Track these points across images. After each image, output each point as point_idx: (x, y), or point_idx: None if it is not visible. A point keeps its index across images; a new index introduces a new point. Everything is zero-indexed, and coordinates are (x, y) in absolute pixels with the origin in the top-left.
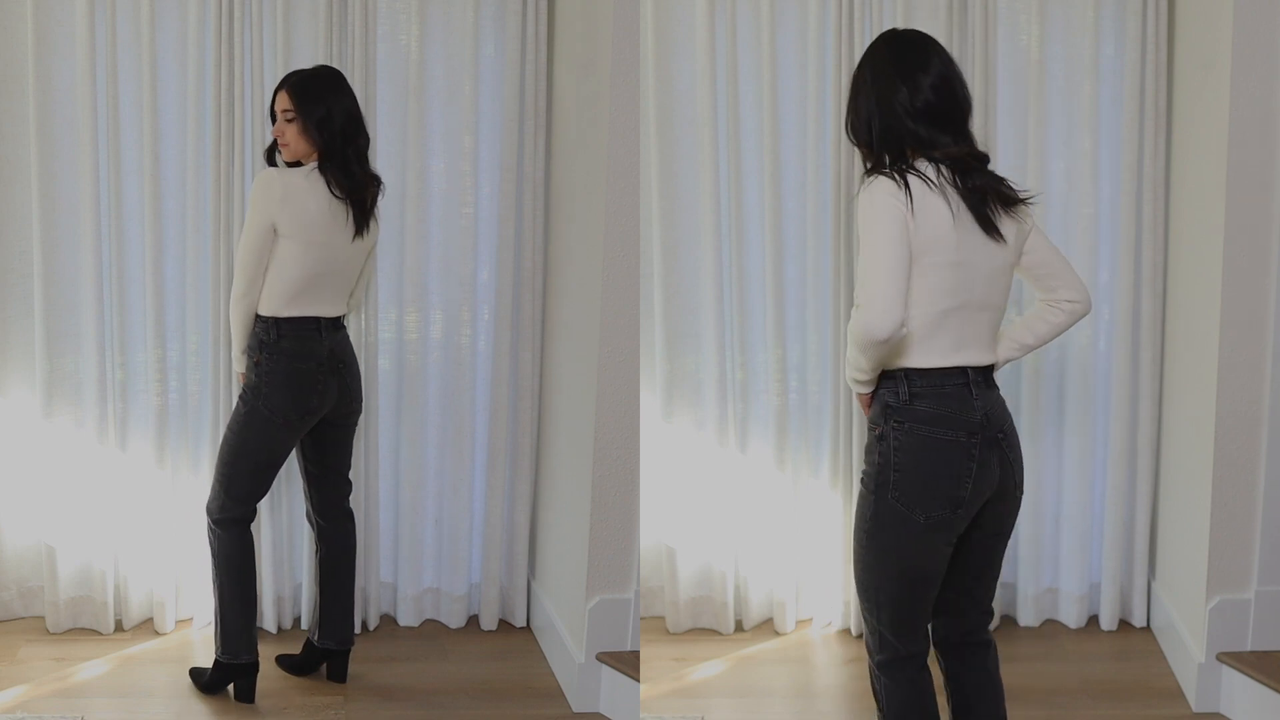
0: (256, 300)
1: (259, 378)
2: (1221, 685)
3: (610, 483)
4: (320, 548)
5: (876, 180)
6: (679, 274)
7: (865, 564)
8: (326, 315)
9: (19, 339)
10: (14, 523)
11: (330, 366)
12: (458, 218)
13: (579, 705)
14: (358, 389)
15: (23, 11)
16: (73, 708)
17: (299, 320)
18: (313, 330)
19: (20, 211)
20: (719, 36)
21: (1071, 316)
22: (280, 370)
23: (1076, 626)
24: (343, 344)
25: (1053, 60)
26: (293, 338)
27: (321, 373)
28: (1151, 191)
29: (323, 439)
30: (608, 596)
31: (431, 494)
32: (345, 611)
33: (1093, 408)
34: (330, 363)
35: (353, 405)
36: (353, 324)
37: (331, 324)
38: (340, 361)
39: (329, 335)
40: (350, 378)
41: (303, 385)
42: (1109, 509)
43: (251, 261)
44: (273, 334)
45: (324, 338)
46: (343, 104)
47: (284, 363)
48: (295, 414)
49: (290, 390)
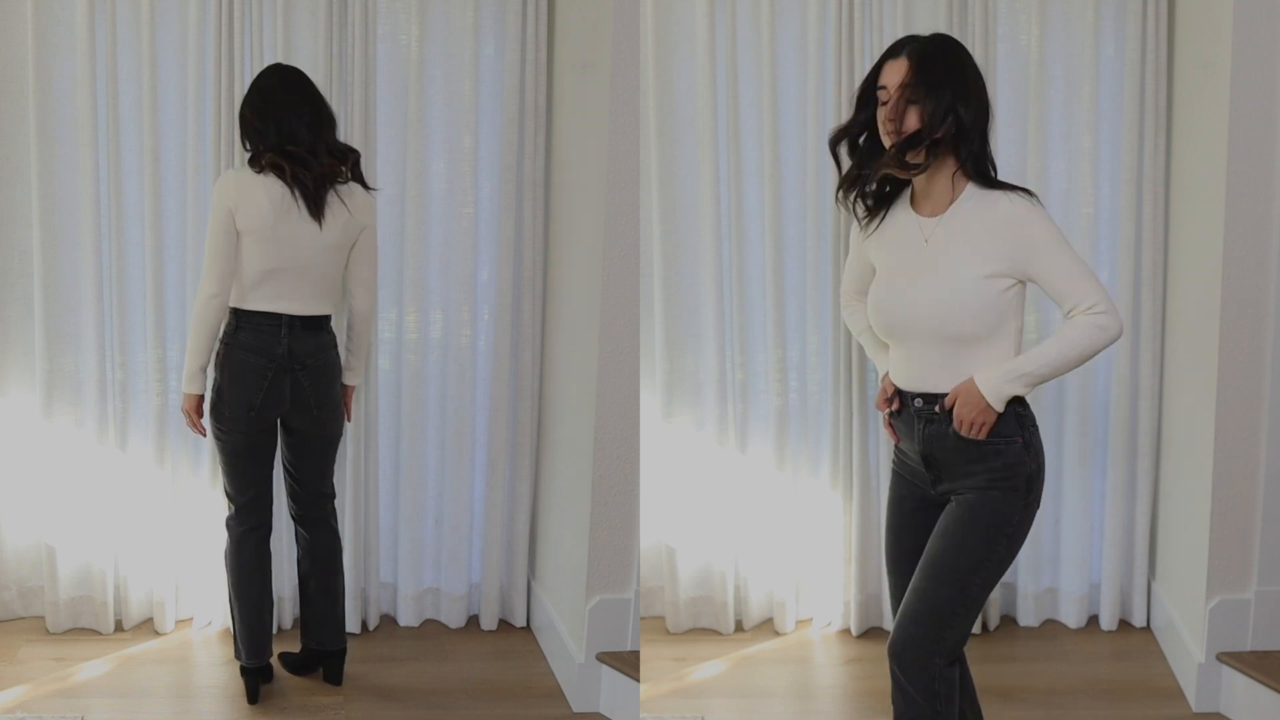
0: (225, 303)
1: (216, 371)
2: (1221, 685)
3: (610, 483)
4: (298, 551)
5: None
6: (679, 274)
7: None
8: (293, 313)
9: (19, 339)
10: (14, 523)
11: (284, 366)
12: (458, 218)
13: (579, 705)
14: (323, 398)
15: (23, 11)
16: (73, 708)
17: (260, 315)
18: (273, 326)
19: (20, 211)
20: (719, 36)
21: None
22: (233, 362)
23: (1076, 626)
24: (311, 347)
25: (1053, 60)
26: (250, 331)
27: (272, 370)
28: (1151, 191)
29: (292, 448)
30: (608, 596)
31: (431, 494)
32: (326, 614)
33: (1093, 408)
34: (286, 362)
35: (314, 414)
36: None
37: (301, 323)
38: (300, 363)
39: (292, 334)
40: (310, 382)
41: (248, 380)
42: (1109, 509)
43: (213, 260)
44: (232, 325)
45: (284, 335)
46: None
47: (237, 355)
48: (242, 409)
49: (237, 384)
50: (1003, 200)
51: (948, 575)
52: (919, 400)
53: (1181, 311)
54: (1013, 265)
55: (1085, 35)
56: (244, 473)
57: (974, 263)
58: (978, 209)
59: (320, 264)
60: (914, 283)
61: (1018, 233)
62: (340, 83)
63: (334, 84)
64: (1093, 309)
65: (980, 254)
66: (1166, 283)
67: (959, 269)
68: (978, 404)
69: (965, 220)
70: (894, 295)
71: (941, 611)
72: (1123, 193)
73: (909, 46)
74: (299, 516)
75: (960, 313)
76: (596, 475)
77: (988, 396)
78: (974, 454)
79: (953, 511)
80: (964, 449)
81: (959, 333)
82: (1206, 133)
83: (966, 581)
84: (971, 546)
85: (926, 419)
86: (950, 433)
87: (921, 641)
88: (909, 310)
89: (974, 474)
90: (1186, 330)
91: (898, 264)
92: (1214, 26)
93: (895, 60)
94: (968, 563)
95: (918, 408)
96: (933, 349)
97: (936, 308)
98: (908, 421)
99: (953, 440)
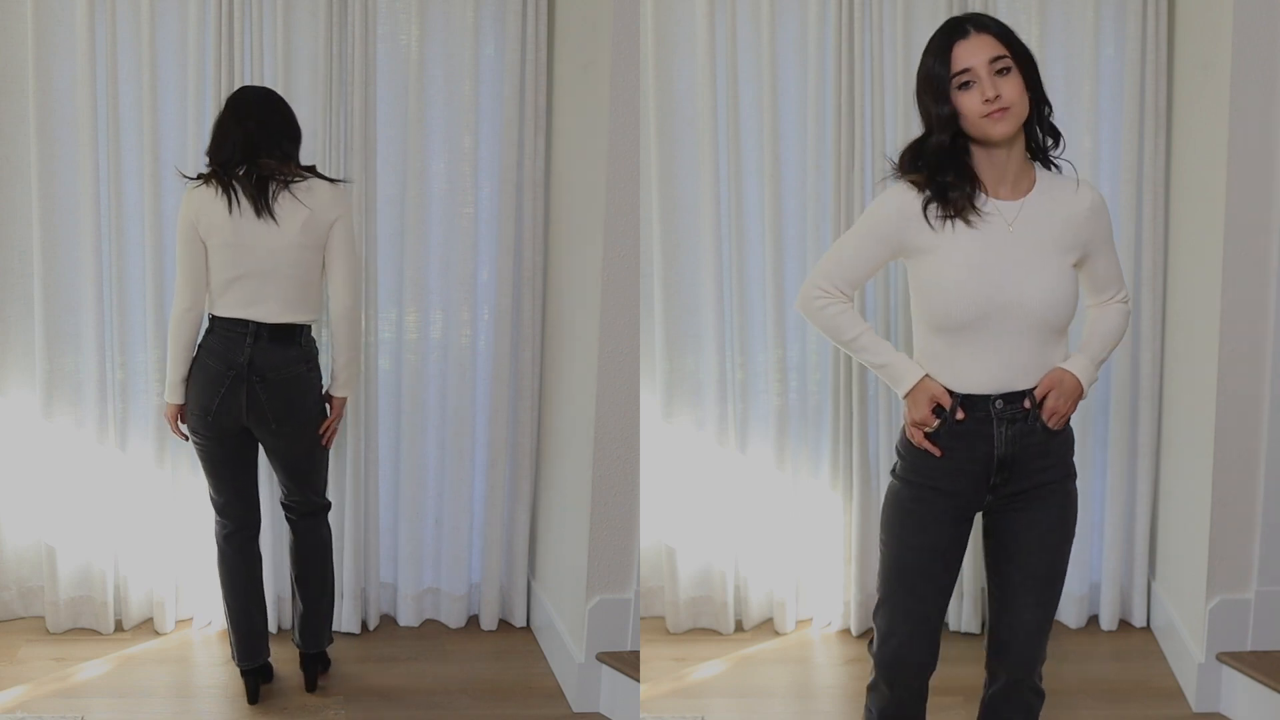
0: (199, 316)
1: (190, 374)
2: (1221, 685)
3: (610, 483)
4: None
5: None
6: (679, 274)
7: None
8: (262, 320)
9: (19, 339)
10: (14, 523)
11: (242, 376)
12: (458, 218)
13: (579, 705)
14: (283, 414)
15: (23, 11)
16: (73, 708)
17: (228, 321)
18: (239, 333)
19: (20, 211)
20: (719, 36)
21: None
22: (198, 365)
23: (1076, 626)
24: (276, 360)
25: (1052, 60)
26: (218, 336)
27: (230, 378)
28: (1151, 191)
29: (267, 457)
30: (608, 596)
31: (431, 494)
32: (306, 617)
33: (1093, 407)
34: (244, 371)
35: (273, 428)
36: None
37: (270, 332)
38: (259, 375)
39: (257, 344)
40: (269, 396)
41: (207, 386)
42: (1109, 509)
43: (183, 275)
44: (207, 329)
45: (249, 344)
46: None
47: (202, 358)
48: (200, 413)
49: (197, 387)
50: (1084, 189)
51: (1061, 579)
52: (1000, 402)
53: (1181, 311)
54: (1083, 254)
55: (1085, 35)
56: (217, 475)
57: (1063, 249)
58: (1060, 194)
59: (287, 266)
60: (1015, 269)
61: (1096, 223)
62: (340, 83)
63: (334, 84)
64: (1117, 297)
65: (1065, 240)
66: (1166, 283)
67: (1051, 255)
68: (1074, 394)
69: (1050, 205)
70: (991, 283)
71: (1056, 606)
72: (1123, 193)
73: (975, 23)
74: (286, 517)
75: (1067, 299)
76: (596, 475)
77: (1085, 385)
78: (1051, 445)
79: (1041, 515)
80: (1046, 441)
81: (1059, 321)
82: (1206, 133)
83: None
84: (1067, 549)
85: (1009, 419)
86: (1039, 428)
87: (1042, 655)
88: (1016, 297)
89: (1049, 466)
90: (1186, 330)
91: (984, 251)
92: (1214, 26)
93: (967, 40)
94: (1067, 560)
95: (999, 409)
96: (1029, 340)
97: (1047, 294)
98: (975, 427)
99: (1040, 435)
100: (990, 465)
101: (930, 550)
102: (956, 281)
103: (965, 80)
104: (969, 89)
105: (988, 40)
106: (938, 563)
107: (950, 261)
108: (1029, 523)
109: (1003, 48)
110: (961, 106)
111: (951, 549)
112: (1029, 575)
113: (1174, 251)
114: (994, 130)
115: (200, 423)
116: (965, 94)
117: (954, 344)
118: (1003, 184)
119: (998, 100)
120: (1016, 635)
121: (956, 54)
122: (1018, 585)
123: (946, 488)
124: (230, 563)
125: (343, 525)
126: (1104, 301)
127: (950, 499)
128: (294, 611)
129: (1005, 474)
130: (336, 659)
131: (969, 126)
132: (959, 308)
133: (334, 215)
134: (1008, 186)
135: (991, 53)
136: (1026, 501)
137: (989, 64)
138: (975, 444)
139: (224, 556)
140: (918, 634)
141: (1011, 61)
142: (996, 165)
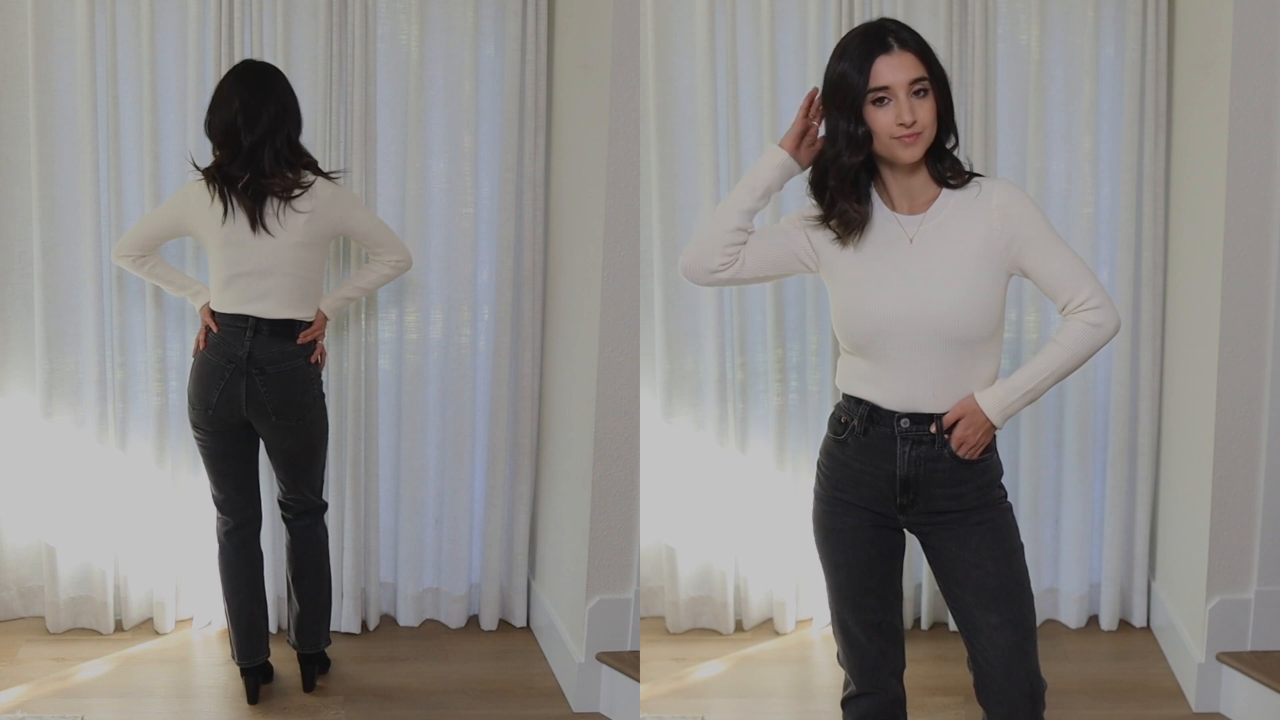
0: (131, 265)
1: (191, 370)
2: (1221, 685)
3: (610, 483)
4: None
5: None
6: (679, 274)
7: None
8: (262, 315)
9: (19, 339)
10: (14, 523)
11: (241, 369)
12: (458, 218)
13: (579, 705)
14: (282, 406)
15: (23, 11)
16: (73, 708)
17: (230, 316)
18: (239, 328)
19: (20, 211)
20: (719, 36)
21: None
22: (199, 360)
23: (1076, 626)
24: (275, 353)
25: (1053, 60)
26: (221, 330)
27: (228, 371)
28: (1151, 191)
29: (266, 453)
30: (608, 596)
31: (431, 494)
32: (302, 617)
33: (1093, 407)
34: (244, 365)
35: (272, 421)
36: (351, 324)
37: (270, 327)
38: (259, 368)
39: (257, 338)
40: (268, 389)
41: (208, 380)
42: (1109, 509)
43: (139, 230)
44: (211, 324)
45: (249, 338)
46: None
47: (203, 353)
48: (201, 407)
49: (198, 381)
50: (989, 188)
51: (1023, 593)
52: (905, 421)
53: (1181, 311)
54: (1006, 258)
55: (1085, 35)
56: (218, 470)
57: (976, 257)
58: (965, 200)
59: (288, 264)
60: (911, 285)
61: (1012, 216)
62: (340, 83)
63: (334, 84)
64: (1085, 305)
65: (975, 248)
66: (1166, 283)
67: (959, 266)
68: (982, 425)
69: (957, 213)
70: (885, 300)
71: (1034, 630)
72: (1123, 193)
73: (898, 37)
74: (283, 517)
75: (978, 311)
76: (596, 475)
77: (993, 417)
78: (963, 474)
79: (968, 532)
80: (955, 470)
81: (968, 334)
82: (1206, 133)
83: (1030, 591)
84: (1018, 559)
85: (914, 440)
86: (945, 454)
87: (1037, 665)
88: (915, 312)
89: (961, 495)
90: (1186, 330)
91: (881, 268)
92: (1214, 26)
93: (890, 56)
94: (1024, 574)
95: (904, 429)
96: (937, 357)
97: (952, 308)
98: (880, 443)
99: (947, 463)
100: (894, 483)
101: (860, 564)
102: (851, 298)
103: (882, 96)
104: (883, 105)
105: (910, 60)
106: (873, 574)
107: (844, 279)
108: (959, 539)
109: (923, 68)
110: (873, 123)
111: (880, 558)
112: (978, 591)
113: (1174, 251)
114: (904, 154)
115: (201, 417)
116: (879, 110)
117: (863, 359)
118: (904, 198)
119: (913, 125)
120: (994, 665)
121: (877, 68)
122: (973, 606)
123: (855, 500)
124: (231, 559)
125: (342, 525)
126: (1072, 309)
127: (862, 511)
128: (289, 612)
129: (910, 495)
130: (336, 659)
131: (876, 143)
132: (853, 325)
133: (338, 213)
134: (909, 201)
135: (913, 74)
136: (947, 522)
137: (909, 84)
138: (879, 460)
139: (225, 553)
140: (874, 640)
141: (929, 84)
142: (899, 180)
